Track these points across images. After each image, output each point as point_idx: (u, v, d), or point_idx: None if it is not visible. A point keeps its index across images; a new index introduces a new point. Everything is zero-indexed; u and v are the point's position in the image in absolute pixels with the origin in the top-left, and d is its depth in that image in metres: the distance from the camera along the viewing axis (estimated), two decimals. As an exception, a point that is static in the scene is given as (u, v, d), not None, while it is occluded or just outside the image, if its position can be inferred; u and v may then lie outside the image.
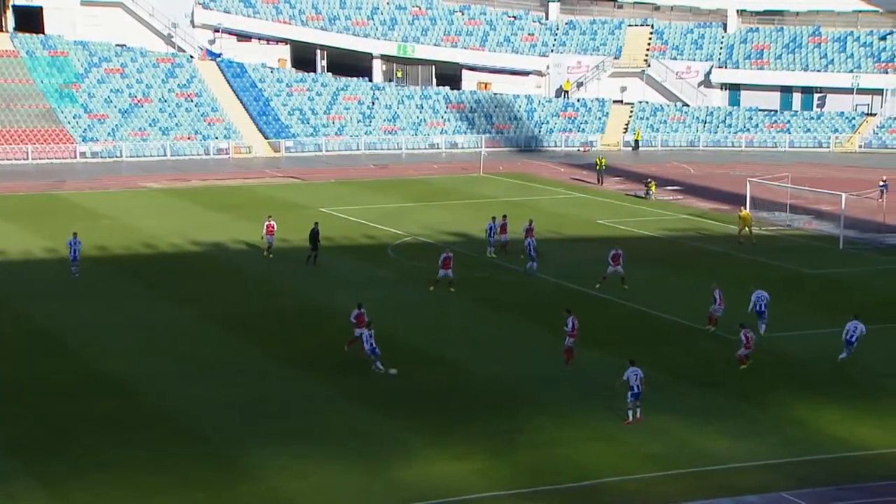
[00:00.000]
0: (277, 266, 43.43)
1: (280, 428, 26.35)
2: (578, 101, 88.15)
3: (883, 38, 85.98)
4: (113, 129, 78.31)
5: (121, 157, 76.03)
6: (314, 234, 43.14)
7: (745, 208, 50.16)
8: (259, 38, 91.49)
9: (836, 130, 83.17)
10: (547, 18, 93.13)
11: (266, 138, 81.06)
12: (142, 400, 28.14)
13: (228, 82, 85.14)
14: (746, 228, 47.84)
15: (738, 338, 30.55)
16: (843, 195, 48.76)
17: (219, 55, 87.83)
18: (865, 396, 28.38)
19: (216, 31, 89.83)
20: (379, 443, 25.47)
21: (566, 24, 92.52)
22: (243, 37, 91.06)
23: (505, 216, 45.75)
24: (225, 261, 44.84)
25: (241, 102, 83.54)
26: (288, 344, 32.87)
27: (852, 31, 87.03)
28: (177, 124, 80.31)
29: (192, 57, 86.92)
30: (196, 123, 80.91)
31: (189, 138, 79.48)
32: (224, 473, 23.89)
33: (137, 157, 76.77)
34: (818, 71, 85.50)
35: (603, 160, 66.97)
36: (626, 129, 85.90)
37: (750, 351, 30.19)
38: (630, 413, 26.52)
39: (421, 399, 28.36)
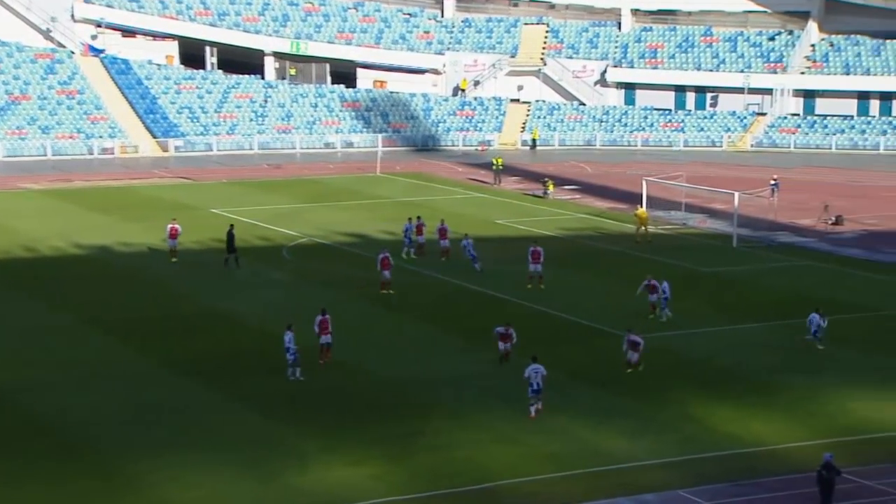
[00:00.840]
0: (168, 269, 42.58)
1: (170, 436, 25.84)
2: (475, 99, 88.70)
3: (772, 39, 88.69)
4: (-11, 127, 75.84)
5: (-2, 156, 73.77)
6: (230, 237, 42.44)
7: (642, 207, 51.14)
8: (145, 34, 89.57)
9: (729, 130, 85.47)
10: (443, 16, 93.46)
11: (154, 137, 79.46)
12: (21, 410, 27.25)
13: (113, 79, 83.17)
14: (643, 227, 48.80)
15: (622, 345, 30.41)
16: (736, 194, 50.10)
17: (102, 51, 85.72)
18: (757, 393, 29.16)
19: (99, 25, 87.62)
20: (273, 449, 25.16)
21: (462, 21, 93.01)
22: (128, 32, 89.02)
23: (419, 217, 45.66)
24: (111, 264, 43.81)
25: (127, 100, 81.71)
26: (178, 349, 32.23)
27: (742, 31, 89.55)
28: (58, 123, 78.13)
29: (73, 52, 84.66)
30: (79, 122, 78.83)
31: (71, 137, 77.43)
32: (112, 484, 23.30)
33: (15, 156, 74.51)
34: (710, 71, 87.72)
35: (500, 160, 67.51)
36: (523, 128, 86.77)
37: (639, 356, 30.13)
38: (532, 408, 26.76)
39: (317, 403, 28.11)
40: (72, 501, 22.64)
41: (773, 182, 58.44)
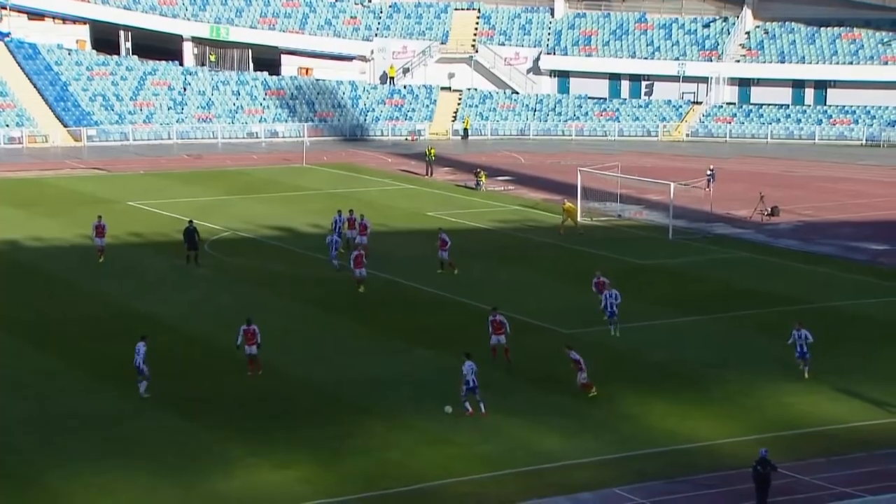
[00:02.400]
0: (83, 267, 41.96)
1: (84, 443, 25.53)
2: (405, 87, 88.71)
3: (706, 26, 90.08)
4: None
5: None
6: (189, 233, 41.49)
7: (569, 201, 51.19)
8: (54, 17, 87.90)
9: (664, 119, 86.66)
10: (370, 1, 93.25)
11: (65, 126, 78.13)
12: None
13: (19, 64, 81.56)
14: (570, 220, 49.29)
15: (568, 356, 28.92)
16: (672, 184, 50.88)
17: (7, 34, 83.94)
18: (693, 388, 29.73)
19: (3, 7, 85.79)
20: (194, 454, 25.01)
21: (390, 6, 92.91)
22: (35, 14, 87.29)
23: (351, 211, 45.23)
24: (20, 261, 43.02)
25: (35, 87, 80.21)
26: (91, 352, 31.80)
27: (677, 18, 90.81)
28: (-39, 111, 76.46)
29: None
30: (-16, 110, 77.19)
31: (-24, 126, 75.78)
32: (22, 496, 22.94)
33: (-85, 147, 72.75)
34: (645, 58, 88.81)
35: (433, 150, 67.66)
36: (454, 117, 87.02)
37: (585, 373, 28.71)
38: (468, 405, 27.02)
39: (242, 407, 27.98)
40: (-17, 512, 22.30)
41: (709, 172, 59.48)
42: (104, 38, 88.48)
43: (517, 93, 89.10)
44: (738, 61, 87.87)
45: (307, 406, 28.11)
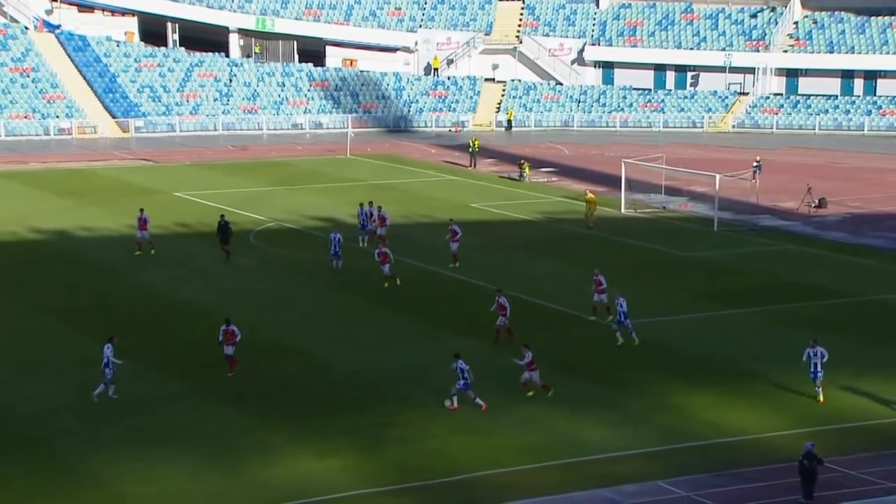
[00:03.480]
0: (130, 256, 42.32)
1: (125, 429, 25.72)
2: (449, 79, 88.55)
3: (754, 16, 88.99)
4: (-60, 107, 75.08)
5: (-51, 137, 73.03)
6: (222, 228, 41.63)
7: (590, 191, 50.54)
8: (103, 9, 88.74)
9: (710, 110, 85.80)
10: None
11: (113, 117, 78.85)
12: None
13: (69, 56, 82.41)
14: (591, 211, 48.53)
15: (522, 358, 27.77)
16: (718, 176, 50.35)
17: (58, 27, 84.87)
18: (738, 381, 29.38)
19: (53, 0, 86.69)
20: (237, 442, 25.11)
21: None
22: (85, 7, 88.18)
23: (371, 203, 45.23)
24: (69, 250, 43.50)
25: (85, 78, 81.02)
26: (138, 339, 32.01)
27: (724, 8, 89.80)
28: (11, 102, 77.38)
29: (26, 28, 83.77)
30: (34, 101, 78.10)
31: (26, 117, 76.72)
32: (64, 481, 23.18)
33: (-32, 137, 73.74)
34: (691, 49, 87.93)
35: (476, 142, 67.42)
36: (498, 108, 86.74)
37: (535, 373, 27.49)
38: (454, 399, 26.78)
39: (282, 395, 28.08)
40: (23, 499, 22.48)
41: (755, 164, 58.80)
42: (152, 30, 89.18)
43: (561, 84, 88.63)
44: (786, 51, 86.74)
45: (347, 394, 28.12)
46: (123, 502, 22.44)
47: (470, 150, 66.36)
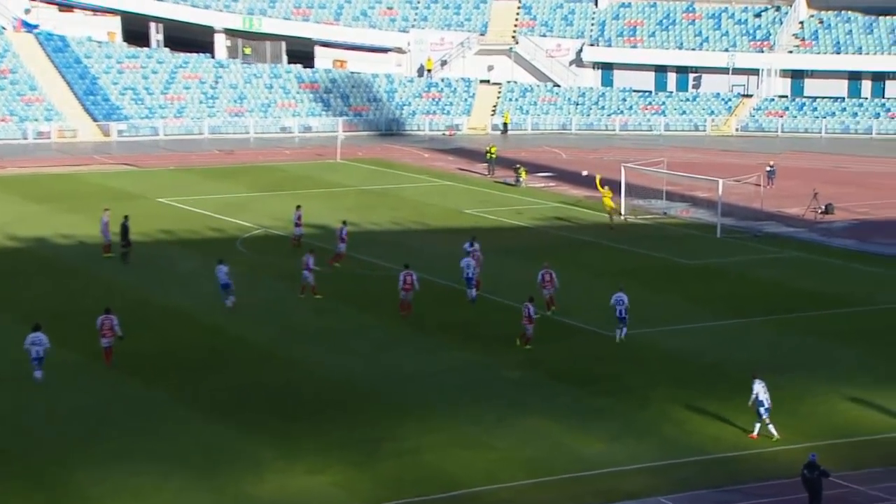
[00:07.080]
0: (111, 263, 42.31)
1: (110, 444, 25.67)
2: (442, 80, 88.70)
3: (758, 16, 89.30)
4: (-86, 109, 75.02)
5: (-76, 141, 72.96)
6: (124, 229, 42.48)
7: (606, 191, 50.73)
8: (83, 9, 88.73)
9: (713, 112, 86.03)
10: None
11: (94, 120, 78.84)
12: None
13: (49, 57, 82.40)
14: (612, 214, 49.24)
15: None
16: (721, 181, 50.46)
17: (36, 26, 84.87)
18: (742, 393, 29.31)
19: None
20: (225, 457, 25.09)
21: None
22: (65, 6, 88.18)
23: (299, 206, 45.51)
24: (49, 257, 43.48)
25: (65, 80, 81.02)
26: (119, 348, 31.96)
27: (727, 8, 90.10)
28: (-11, 104, 77.35)
29: (4, 28, 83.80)
30: (11, 103, 78.09)
31: (3, 120, 76.74)
32: (46, 497, 23.11)
33: (-58, 141, 73.69)
34: (693, 50, 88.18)
35: (493, 148, 65.77)
36: (493, 111, 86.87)
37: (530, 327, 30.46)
38: None
39: (271, 406, 28.07)
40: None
41: (769, 168, 58.89)
42: (135, 30, 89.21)
43: (559, 86, 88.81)
44: (791, 52, 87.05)
45: (338, 406, 28.13)
46: (107, 520, 22.43)
47: (487, 158, 65.18)
